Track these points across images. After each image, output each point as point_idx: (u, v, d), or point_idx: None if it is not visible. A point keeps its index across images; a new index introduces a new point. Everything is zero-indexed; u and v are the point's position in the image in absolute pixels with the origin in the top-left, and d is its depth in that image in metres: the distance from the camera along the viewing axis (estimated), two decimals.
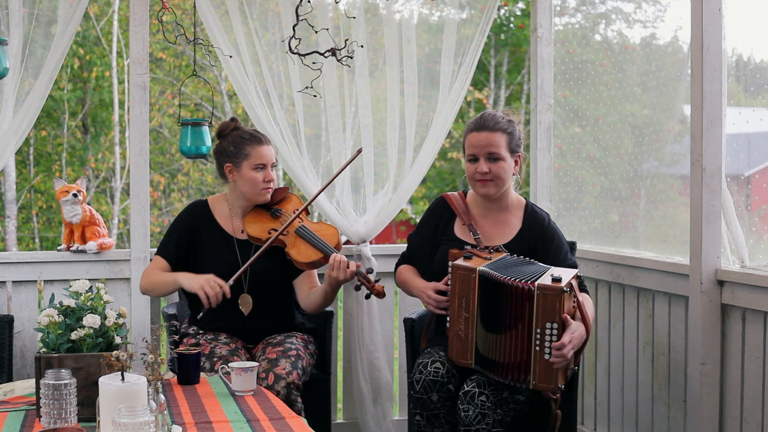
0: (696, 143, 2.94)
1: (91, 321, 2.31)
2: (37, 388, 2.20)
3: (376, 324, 3.83)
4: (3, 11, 3.45)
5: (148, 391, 2.04)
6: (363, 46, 3.72)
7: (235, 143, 3.19)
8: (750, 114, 3.02)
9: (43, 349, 2.33)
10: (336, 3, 3.75)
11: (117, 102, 12.92)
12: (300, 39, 2.80)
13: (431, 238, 3.10)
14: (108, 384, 2.00)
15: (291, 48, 2.77)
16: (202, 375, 2.73)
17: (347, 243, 3.84)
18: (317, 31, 3.31)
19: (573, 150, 4.14)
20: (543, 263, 2.88)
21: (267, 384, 2.84)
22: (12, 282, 3.59)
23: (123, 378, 2.02)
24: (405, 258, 3.20)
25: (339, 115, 3.79)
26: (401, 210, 4.87)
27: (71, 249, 3.63)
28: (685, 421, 3.09)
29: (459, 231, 3.06)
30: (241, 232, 3.23)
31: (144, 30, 3.61)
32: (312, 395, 3.16)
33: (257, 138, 3.20)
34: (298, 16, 2.76)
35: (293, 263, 3.13)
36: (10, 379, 3.35)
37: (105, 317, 2.36)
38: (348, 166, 3.27)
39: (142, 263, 3.61)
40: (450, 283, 2.80)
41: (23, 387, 2.63)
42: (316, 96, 3.14)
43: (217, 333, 3.15)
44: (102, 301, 2.41)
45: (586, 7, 4.59)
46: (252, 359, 3.07)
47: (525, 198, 3.13)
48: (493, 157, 2.93)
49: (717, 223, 2.93)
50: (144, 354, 2.13)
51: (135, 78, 3.61)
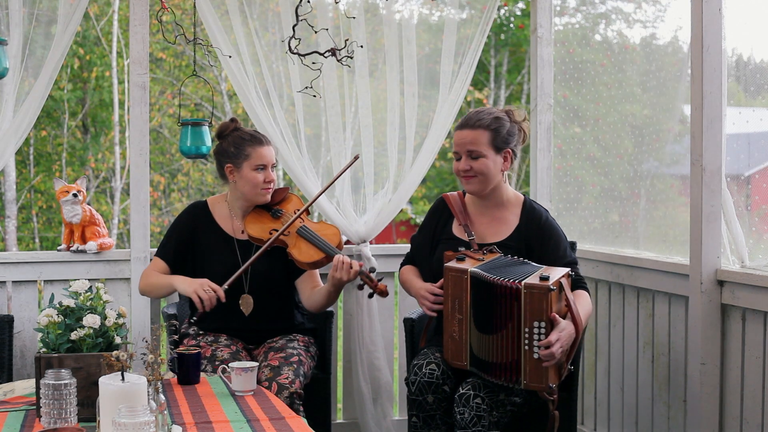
0: (696, 143, 2.94)
1: (91, 321, 2.31)
2: (37, 388, 2.20)
3: (376, 324, 3.83)
4: (3, 11, 3.45)
5: (148, 391, 2.04)
6: (363, 46, 3.72)
7: (236, 144, 3.19)
8: (750, 114, 3.02)
9: (43, 349, 2.33)
10: (336, 3, 3.75)
11: (117, 102, 12.92)
12: (300, 39, 2.80)
13: (431, 238, 3.10)
14: (108, 384, 2.00)
15: (291, 48, 2.76)
16: (202, 375, 2.73)
17: (347, 243, 3.84)
18: (317, 31, 3.31)
19: (573, 150, 4.13)
20: (541, 260, 2.88)
21: None
22: (12, 282, 3.59)
23: (123, 378, 2.02)
24: (408, 259, 3.22)
25: (339, 115, 3.79)
26: (401, 210, 4.87)
27: (71, 249, 3.63)
28: (685, 421, 3.09)
29: (456, 230, 3.06)
30: (242, 232, 3.24)
31: (144, 30, 3.61)
32: (312, 395, 3.16)
33: (257, 139, 3.20)
34: (297, 16, 2.75)
35: (295, 263, 3.14)
36: (10, 379, 3.35)
37: (105, 317, 2.36)
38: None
39: (142, 263, 3.61)
40: (443, 286, 2.81)
41: (23, 387, 2.63)
42: (316, 96, 3.14)
43: (218, 334, 3.15)
44: (101, 301, 2.41)
45: (586, 7, 4.59)
46: (253, 361, 3.07)
47: (524, 195, 3.13)
48: (474, 155, 2.93)
49: (717, 223, 2.93)
50: (144, 354, 2.13)
51: (135, 78, 3.62)
